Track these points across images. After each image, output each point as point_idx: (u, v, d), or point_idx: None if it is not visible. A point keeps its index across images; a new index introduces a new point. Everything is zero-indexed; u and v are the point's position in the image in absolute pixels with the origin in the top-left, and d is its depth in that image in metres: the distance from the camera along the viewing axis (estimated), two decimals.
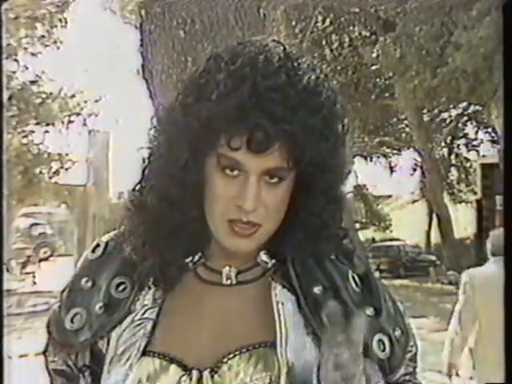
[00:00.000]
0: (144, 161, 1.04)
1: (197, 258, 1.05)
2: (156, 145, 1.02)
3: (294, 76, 0.95)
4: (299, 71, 0.96)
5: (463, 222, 22.27)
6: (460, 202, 25.01)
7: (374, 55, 18.26)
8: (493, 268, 3.66)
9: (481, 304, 3.64)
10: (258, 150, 0.93)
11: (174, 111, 0.99)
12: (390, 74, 18.00)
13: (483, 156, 22.17)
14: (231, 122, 0.92)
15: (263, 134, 0.92)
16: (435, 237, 23.77)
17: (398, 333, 1.06)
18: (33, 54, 17.44)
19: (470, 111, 22.41)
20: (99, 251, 1.10)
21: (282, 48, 0.99)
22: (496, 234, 3.82)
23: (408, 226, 25.94)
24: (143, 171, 1.04)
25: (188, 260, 1.05)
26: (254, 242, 1.00)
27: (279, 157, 0.94)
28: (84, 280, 1.08)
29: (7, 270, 15.50)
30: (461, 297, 3.82)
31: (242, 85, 0.92)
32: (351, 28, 21.34)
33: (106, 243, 1.10)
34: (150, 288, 1.03)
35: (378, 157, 26.76)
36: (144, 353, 0.98)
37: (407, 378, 1.09)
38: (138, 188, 1.03)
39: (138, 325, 1.01)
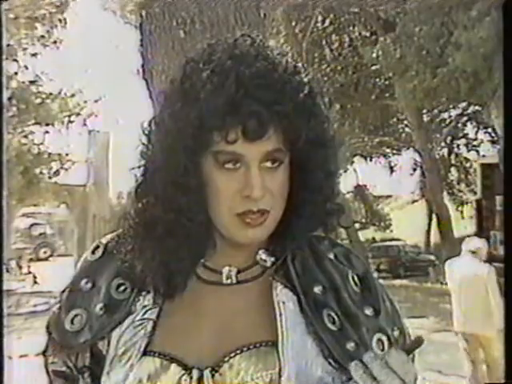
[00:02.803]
0: (137, 179, 1.03)
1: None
2: (149, 159, 1.02)
3: (272, 61, 0.98)
4: (275, 56, 0.99)
5: (463, 222, 22.25)
6: (460, 202, 24.99)
7: (374, 55, 18.20)
8: (465, 259, 5.89)
9: (456, 281, 5.93)
10: (254, 138, 0.94)
11: (164, 121, 1.00)
12: (390, 74, 17.97)
13: (483, 156, 22.13)
14: (224, 117, 0.93)
15: (257, 120, 0.93)
16: (435, 237, 23.76)
17: (396, 332, 1.07)
18: (32, 55, 17.41)
19: (469, 111, 22.38)
20: (99, 253, 1.10)
21: (251, 40, 1.01)
22: (469, 239, 6.14)
23: (408, 226, 25.92)
24: (136, 189, 1.03)
25: (192, 265, 1.05)
26: (266, 229, 1.00)
27: (275, 140, 0.96)
28: (84, 281, 1.08)
29: (7, 270, 15.48)
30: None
31: (227, 78, 0.94)
32: (351, 28, 21.31)
33: (106, 245, 1.10)
34: (149, 291, 1.03)
35: (378, 157, 26.74)
36: (144, 353, 0.99)
37: None
38: (140, 205, 1.02)
39: (139, 325, 1.01)
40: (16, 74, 16.67)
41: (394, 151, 26.24)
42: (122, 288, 1.05)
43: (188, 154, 0.96)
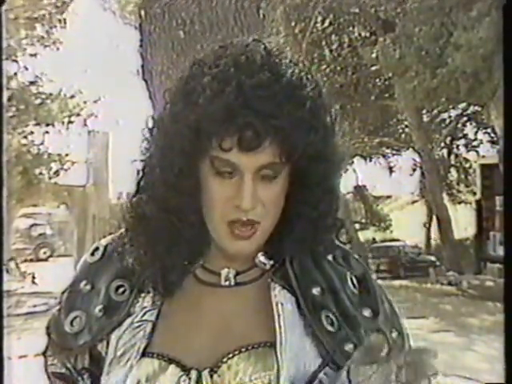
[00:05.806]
0: (138, 173, 1.04)
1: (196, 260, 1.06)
2: (149, 156, 1.02)
3: (277, 72, 0.97)
4: (282, 66, 0.98)
5: (463, 222, 22.25)
6: (459, 203, 24.98)
7: (374, 56, 18.19)
8: None
9: None
10: (249, 149, 0.94)
11: (163, 120, 1.00)
12: (390, 75, 17.96)
13: (483, 156, 22.12)
14: (220, 124, 0.93)
15: (253, 131, 0.93)
16: (435, 237, 23.76)
17: (394, 334, 1.06)
18: (32, 55, 17.41)
19: (469, 112, 22.39)
20: (98, 254, 1.10)
21: (263, 46, 1.00)
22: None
23: (408, 227, 25.93)
24: (138, 183, 1.04)
25: (187, 263, 1.05)
26: (255, 243, 1.00)
27: (271, 153, 0.95)
28: (83, 283, 1.08)
29: (7, 271, 15.47)
30: None
31: (227, 86, 0.93)
32: (351, 28, 21.30)
33: (105, 246, 1.11)
34: (149, 291, 1.04)
35: (378, 157, 26.74)
36: (143, 354, 0.99)
37: None
38: (135, 200, 1.03)
39: (138, 327, 1.01)
40: (16, 74, 16.68)
41: (394, 152, 26.25)
42: (121, 290, 1.05)
43: (184, 157, 0.96)
